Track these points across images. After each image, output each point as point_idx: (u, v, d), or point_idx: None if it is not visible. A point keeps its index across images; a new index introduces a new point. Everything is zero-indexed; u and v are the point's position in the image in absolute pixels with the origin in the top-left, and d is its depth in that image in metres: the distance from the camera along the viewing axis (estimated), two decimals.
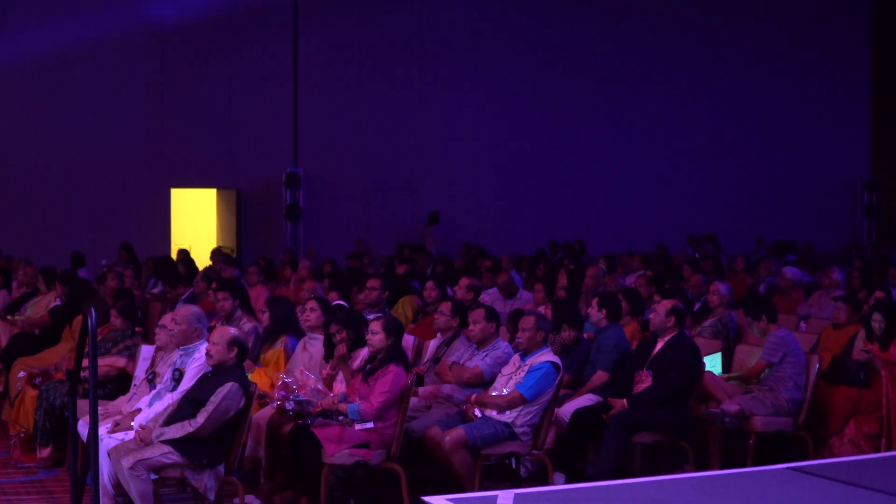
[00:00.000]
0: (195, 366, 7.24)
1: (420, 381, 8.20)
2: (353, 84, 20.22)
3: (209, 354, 6.84)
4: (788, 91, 22.66)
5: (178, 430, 6.54)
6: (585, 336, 8.71)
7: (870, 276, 12.30)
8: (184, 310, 7.65)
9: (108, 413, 7.46)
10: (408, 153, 20.55)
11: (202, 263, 15.55)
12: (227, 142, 19.60)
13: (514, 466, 7.58)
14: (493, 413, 7.32)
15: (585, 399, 8.09)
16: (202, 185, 20.07)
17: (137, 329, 9.01)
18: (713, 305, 10.08)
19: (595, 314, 8.55)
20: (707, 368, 8.19)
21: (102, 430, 6.86)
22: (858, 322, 9.08)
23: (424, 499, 4.01)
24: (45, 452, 8.44)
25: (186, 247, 16.91)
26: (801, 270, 13.11)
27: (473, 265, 14.30)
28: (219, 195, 20.14)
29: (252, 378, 7.30)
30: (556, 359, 7.45)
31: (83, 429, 6.93)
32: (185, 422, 6.55)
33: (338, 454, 6.92)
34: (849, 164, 23.11)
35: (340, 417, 7.09)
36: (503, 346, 7.96)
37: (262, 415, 7.50)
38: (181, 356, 7.38)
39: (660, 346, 7.83)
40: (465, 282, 10.34)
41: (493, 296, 11.64)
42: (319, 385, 7.37)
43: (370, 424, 6.99)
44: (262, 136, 19.79)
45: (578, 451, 7.90)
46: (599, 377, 8.21)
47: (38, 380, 8.86)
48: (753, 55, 22.46)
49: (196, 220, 20.05)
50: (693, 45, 22.26)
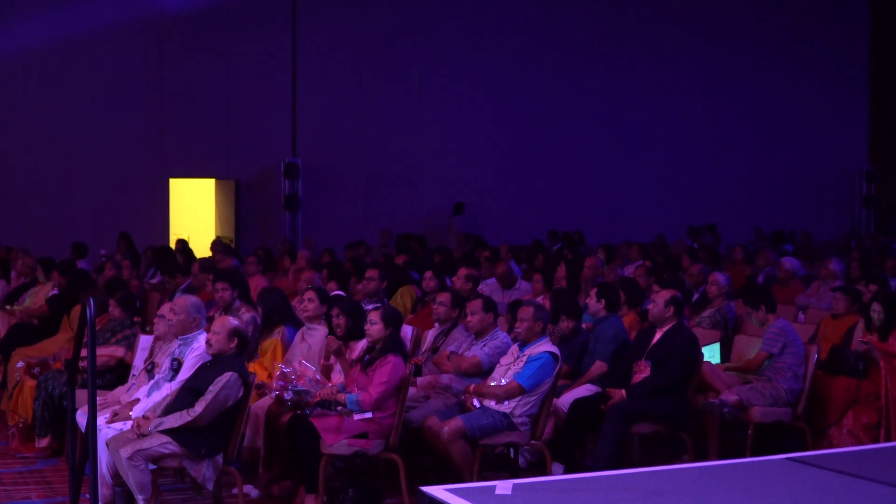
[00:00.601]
0: (194, 356, 7.23)
1: (418, 372, 8.19)
2: (352, 74, 20.19)
3: (209, 344, 6.83)
4: (787, 81, 22.63)
5: (177, 420, 6.52)
6: (584, 326, 8.71)
7: (868, 267, 12.30)
8: (182, 300, 7.63)
9: (107, 403, 7.46)
10: (406, 143, 20.53)
11: (201, 254, 15.53)
12: (226, 132, 19.58)
13: (513, 456, 7.57)
14: (492, 403, 7.31)
15: (584, 389, 8.08)
16: (201, 176, 20.06)
17: (136, 319, 9.00)
18: (712, 296, 10.07)
19: (594, 304, 8.54)
20: (706, 359, 8.19)
21: (101, 420, 6.85)
22: (857, 312, 9.07)
23: (423, 489, 3.99)
24: (44, 442, 8.44)
25: (185, 237, 16.90)
26: (800, 261, 13.10)
27: (472, 255, 14.29)
28: (217, 185, 20.13)
29: (249, 368, 7.29)
30: (555, 349, 7.44)
31: (82, 419, 6.92)
32: (184, 411, 6.53)
33: (336, 444, 6.92)
34: (847, 154, 23.10)
35: (339, 407, 7.08)
36: (501, 337, 7.95)
37: (261, 405, 7.50)
38: (180, 346, 7.37)
39: (658, 337, 7.83)
40: (464, 272, 10.33)
41: (492, 286, 11.63)
42: (318, 375, 7.36)
43: (369, 414, 6.98)
44: (261, 127, 19.76)
45: (577, 442, 7.89)
46: (598, 367, 8.21)
47: (37, 370, 8.86)
48: (752, 46, 22.43)
49: (195, 211, 20.04)
50: (692, 36, 22.23)
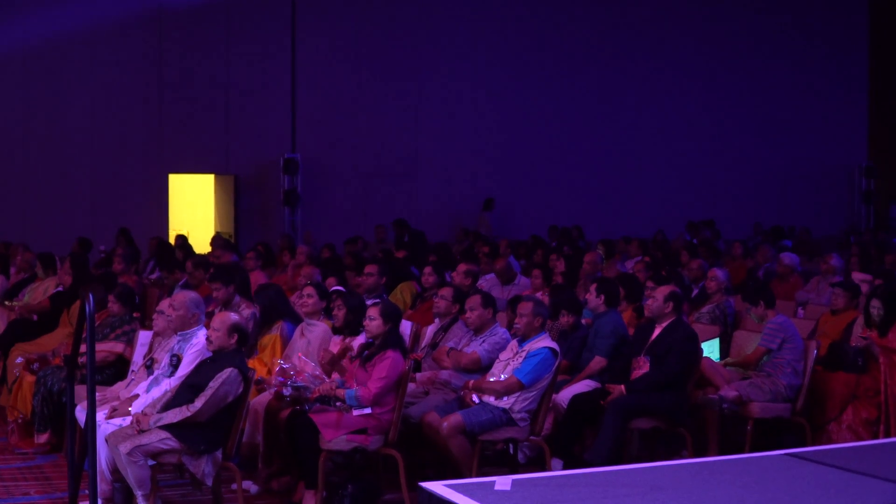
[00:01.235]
0: (193, 351, 7.21)
1: (418, 367, 8.19)
2: (352, 69, 20.15)
3: (209, 340, 6.82)
4: (786, 76, 22.60)
5: (176, 415, 6.52)
6: (583, 322, 8.70)
7: (868, 263, 12.29)
8: (181, 295, 7.62)
9: (106, 399, 7.44)
10: (406, 139, 20.49)
11: (200, 249, 15.53)
12: (225, 127, 19.55)
13: (512, 452, 7.57)
14: (491, 399, 7.31)
15: (583, 385, 8.08)
16: (200, 171, 20.02)
17: (135, 314, 8.99)
18: (711, 291, 10.06)
19: (593, 300, 8.53)
20: (705, 354, 8.18)
21: (100, 416, 6.84)
22: (856, 308, 9.07)
23: (422, 485, 3.99)
24: (43, 438, 8.44)
25: (184, 232, 16.88)
26: (798, 257, 13.09)
27: (471, 251, 14.28)
28: (217, 181, 20.10)
29: (248, 364, 7.29)
30: (554, 344, 7.44)
31: (81, 414, 6.91)
32: (183, 406, 6.53)
33: (335, 440, 6.92)
34: (846, 150, 23.06)
35: (338, 403, 7.08)
36: (501, 332, 7.95)
37: (260, 400, 7.49)
38: (179, 342, 7.36)
39: (657, 332, 7.82)
40: (463, 267, 10.33)
41: (491, 281, 11.63)
42: (317, 371, 7.36)
43: (368, 410, 6.98)
44: (261, 122, 19.72)
45: (576, 437, 7.89)
46: (597, 363, 8.21)
47: (36, 365, 8.85)
48: (752, 41, 22.39)
49: (194, 206, 20.01)
50: (691, 32, 22.19)
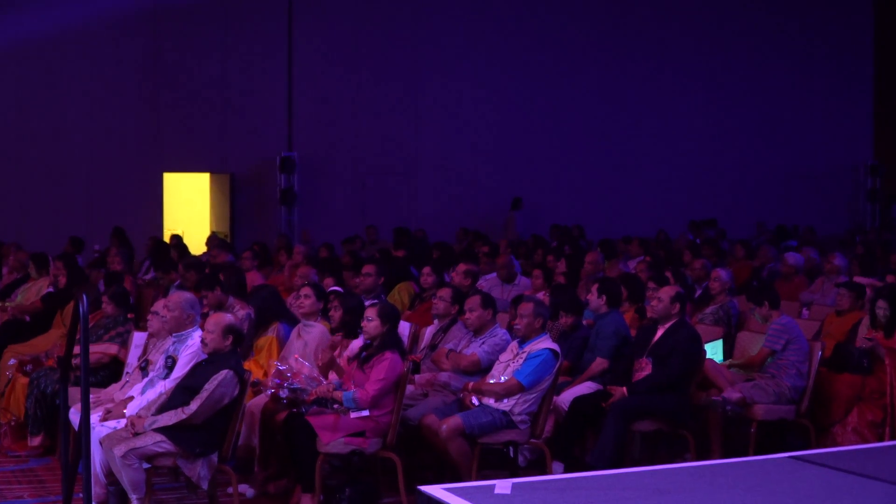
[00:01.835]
0: (188, 353, 7.16)
1: (416, 369, 8.10)
2: (349, 67, 20.09)
3: (204, 342, 6.77)
4: (791, 75, 22.55)
5: (172, 418, 6.46)
6: (584, 322, 8.61)
7: (873, 262, 12.19)
8: (176, 296, 7.54)
9: (100, 401, 7.38)
10: (403, 137, 20.44)
11: (196, 249, 15.43)
12: (221, 125, 19.47)
13: (512, 455, 7.48)
14: (491, 401, 7.23)
15: (584, 387, 7.99)
16: (196, 170, 19.94)
17: (130, 315, 8.90)
18: (714, 292, 9.98)
19: (595, 300, 8.44)
20: (708, 356, 8.10)
21: (94, 418, 6.78)
22: (861, 309, 8.99)
23: (421, 488, 3.92)
24: (37, 441, 8.36)
25: (180, 232, 16.77)
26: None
27: (471, 251, 14.20)
28: (212, 179, 20.01)
29: (245, 366, 7.21)
30: (555, 346, 7.36)
31: (75, 417, 6.87)
32: (179, 409, 6.47)
33: (333, 442, 6.85)
34: (851, 148, 23.01)
35: (336, 405, 7.01)
36: (500, 334, 7.87)
37: (257, 402, 7.41)
38: (174, 343, 7.29)
39: (660, 334, 7.74)
40: (463, 267, 10.24)
41: (492, 281, 11.54)
42: (314, 373, 7.28)
43: (366, 412, 6.91)
44: (257, 120, 19.66)
45: (577, 440, 7.82)
46: (599, 364, 8.12)
47: (29, 367, 8.77)
48: (756, 40, 22.34)
49: (189, 205, 19.92)
50: (694, 30, 22.15)
